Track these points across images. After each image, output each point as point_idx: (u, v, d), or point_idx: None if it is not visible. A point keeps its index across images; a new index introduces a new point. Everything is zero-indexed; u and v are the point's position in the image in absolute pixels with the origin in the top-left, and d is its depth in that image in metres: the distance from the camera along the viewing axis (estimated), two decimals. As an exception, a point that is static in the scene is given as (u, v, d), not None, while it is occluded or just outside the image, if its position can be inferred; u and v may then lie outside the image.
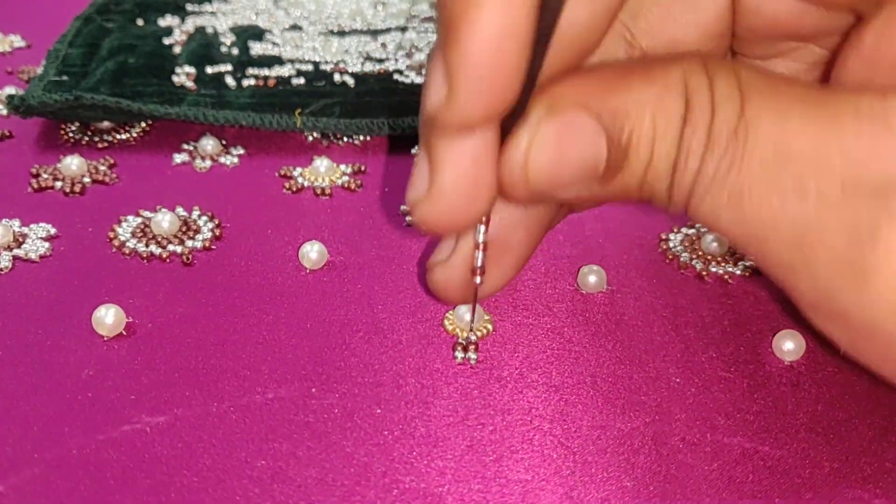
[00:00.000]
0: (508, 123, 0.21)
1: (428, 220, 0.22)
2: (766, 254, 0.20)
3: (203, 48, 0.47)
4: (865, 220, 0.18)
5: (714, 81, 0.20)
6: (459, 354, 0.27)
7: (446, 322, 0.28)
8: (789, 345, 0.27)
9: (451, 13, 0.19)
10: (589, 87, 0.21)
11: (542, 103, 0.21)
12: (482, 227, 0.24)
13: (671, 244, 0.33)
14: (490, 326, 0.28)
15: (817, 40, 0.25)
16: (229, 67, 0.45)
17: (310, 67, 0.46)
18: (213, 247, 0.32)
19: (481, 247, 0.25)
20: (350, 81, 0.44)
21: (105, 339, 0.27)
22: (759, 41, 0.25)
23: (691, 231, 0.33)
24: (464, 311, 0.28)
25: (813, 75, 0.25)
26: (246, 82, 0.43)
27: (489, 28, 0.18)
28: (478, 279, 0.25)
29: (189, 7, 0.54)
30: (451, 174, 0.21)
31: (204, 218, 0.33)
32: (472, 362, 0.26)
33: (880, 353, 0.20)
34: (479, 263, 0.25)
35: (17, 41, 0.50)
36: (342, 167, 0.37)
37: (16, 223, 0.32)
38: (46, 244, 0.31)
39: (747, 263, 0.32)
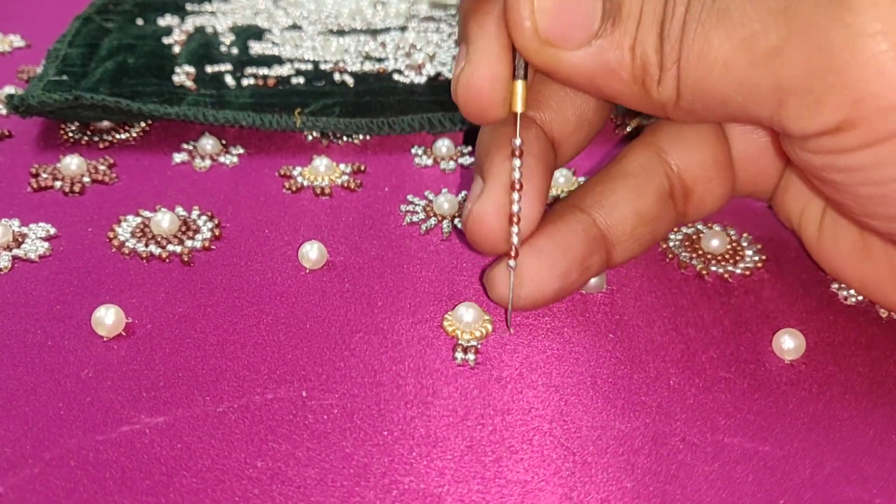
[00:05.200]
0: None
1: (469, 86, 0.25)
2: (755, 57, 0.22)
3: (203, 48, 0.47)
4: None
5: None
6: (459, 355, 0.27)
7: (446, 323, 0.28)
8: (789, 344, 0.27)
9: None
10: None
11: None
12: (517, 162, 0.25)
13: (671, 243, 0.33)
14: (489, 326, 0.28)
15: None
16: (229, 67, 0.45)
17: (309, 67, 0.45)
18: (213, 247, 0.32)
19: (517, 185, 0.26)
20: (349, 81, 0.44)
21: (104, 339, 0.27)
22: None
23: (691, 230, 0.33)
24: (463, 312, 0.27)
25: None
26: (245, 82, 0.43)
27: None
28: (515, 228, 0.26)
29: (189, 7, 0.54)
30: (480, 41, 0.24)
31: (203, 218, 0.33)
32: (472, 363, 0.26)
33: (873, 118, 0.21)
34: (517, 207, 0.26)
35: (17, 41, 0.50)
36: (342, 166, 0.37)
37: (15, 223, 0.32)
38: (46, 244, 0.31)
39: (747, 263, 0.32)
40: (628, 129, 0.41)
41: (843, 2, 0.21)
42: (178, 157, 0.38)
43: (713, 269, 0.31)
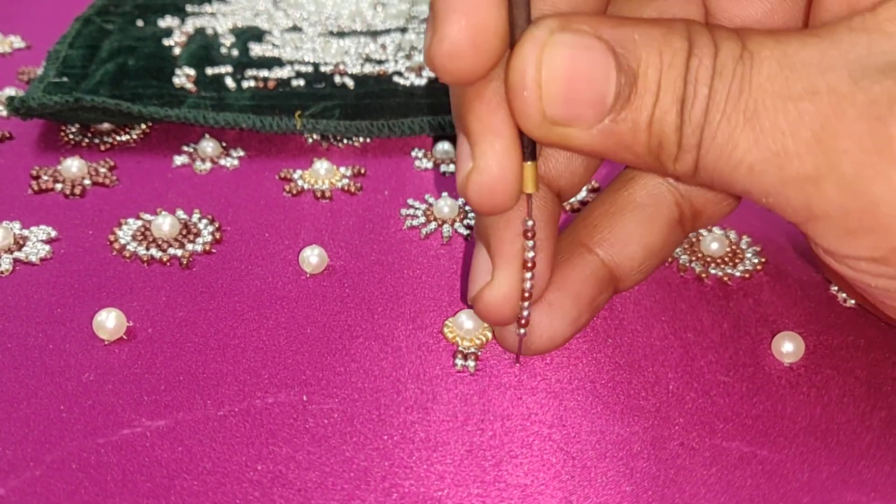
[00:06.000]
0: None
1: (482, 190, 0.23)
2: (786, 176, 0.20)
3: (203, 49, 0.47)
4: (881, 97, 0.19)
5: (713, 29, 0.21)
6: (459, 362, 0.27)
7: (446, 330, 0.28)
8: (788, 346, 0.27)
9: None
10: (597, 19, 0.21)
11: (550, 21, 0.21)
12: (530, 243, 0.24)
13: (670, 247, 0.33)
14: (489, 334, 0.28)
15: None
16: (229, 69, 0.45)
17: (309, 69, 0.46)
18: (214, 250, 0.32)
19: (530, 264, 0.24)
20: (350, 83, 0.44)
21: (106, 342, 0.27)
22: None
23: (690, 233, 0.33)
24: (464, 319, 0.28)
25: (790, 16, 0.26)
26: (246, 84, 0.43)
27: None
28: (525, 308, 0.25)
29: (189, 8, 0.54)
30: (485, 139, 0.23)
31: (204, 221, 0.33)
32: (472, 370, 0.26)
33: None
34: (529, 285, 0.25)
35: (17, 42, 0.50)
36: (342, 170, 0.37)
37: (16, 225, 0.32)
38: (47, 247, 0.31)
39: (747, 265, 0.32)
40: None
41: (891, 156, 0.19)
42: (179, 160, 0.38)
43: (712, 271, 0.31)
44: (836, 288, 0.31)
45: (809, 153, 0.20)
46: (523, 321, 0.25)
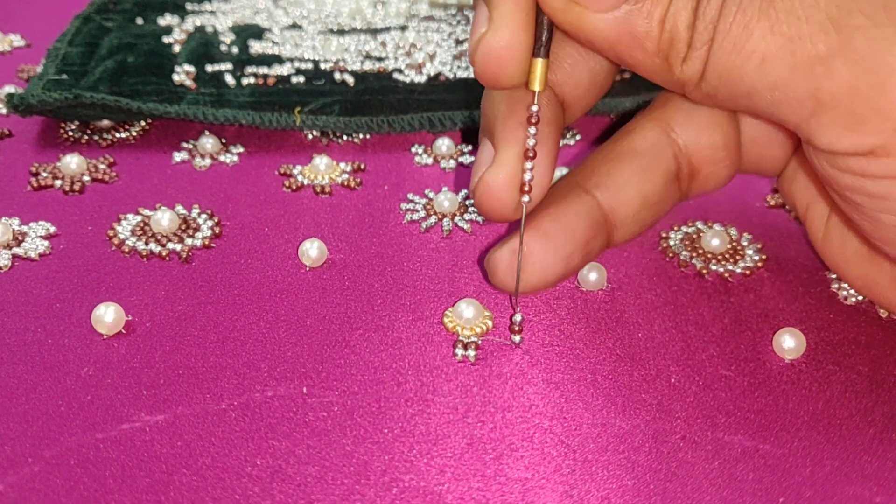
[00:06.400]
0: None
1: (490, 53, 0.23)
2: (797, 61, 0.21)
3: (203, 47, 0.47)
4: None
5: None
6: (459, 352, 0.27)
7: (446, 320, 0.28)
8: (790, 343, 0.27)
9: None
10: None
11: None
12: (532, 130, 0.25)
13: (671, 242, 0.33)
14: (490, 323, 0.28)
15: None
16: (229, 66, 0.45)
17: (309, 66, 0.45)
18: (213, 245, 0.32)
19: (531, 153, 0.25)
20: (349, 80, 0.44)
21: (104, 337, 0.27)
22: None
23: (691, 229, 0.33)
24: (463, 308, 0.27)
25: None
26: (245, 81, 0.43)
27: None
28: (525, 198, 0.26)
29: (188, 6, 0.54)
30: (505, 4, 0.23)
31: (203, 216, 0.33)
32: (472, 360, 0.26)
33: None
34: (529, 176, 0.25)
35: (17, 40, 0.50)
36: (342, 165, 0.37)
37: (15, 221, 0.32)
38: (46, 242, 0.31)
39: (748, 262, 0.32)
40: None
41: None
42: (179, 156, 0.38)
43: (713, 268, 0.31)
44: (837, 285, 0.31)
45: (823, 33, 0.21)
46: (521, 229, 0.26)
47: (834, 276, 0.31)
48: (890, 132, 0.21)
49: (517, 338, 0.27)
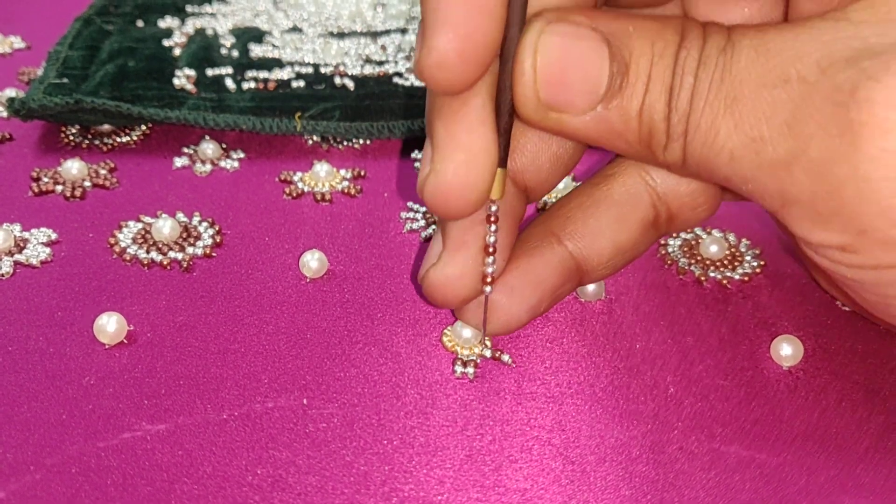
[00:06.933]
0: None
1: (430, 194, 0.23)
2: (762, 161, 0.21)
3: (203, 50, 0.47)
4: (845, 85, 0.20)
5: (707, 24, 0.22)
6: (458, 369, 0.27)
7: (445, 339, 0.28)
8: (787, 350, 0.27)
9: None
10: (595, 12, 0.23)
11: (549, 13, 0.22)
12: (492, 227, 0.25)
13: (670, 249, 0.33)
14: (489, 343, 0.28)
15: None
16: (229, 70, 0.45)
17: (310, 70, 0.46)
18: (214, 254, 0.32)
19: (491, 249, 0.25)
20: (350, 84, 0.44)
21: (106, 346, 0.27)
22: None
23: (690, 236, 0.33)
24: (461, 327, 0.28)
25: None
26: (246, 85, 0.43)
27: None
28: (488, 289, 0.26)
29: (189, 9, 0.54)
30: (448, 144, 0.23)
31: (204, 224, 0.33)
32: (471, 377, 0.27)
33: (881, 238, 0.21)
34: (490, 269, 0.26)
35: (18, 42, 0.50)
36: (342, 172, 0.37)
37: (17, 227, 0.32)
38: (47, 249, 0.31)
39: (746, 269, 0.32)
40: None
41: (852, 139, 0.20)
42: (179, 162, 0.38)
43: (712, 274, 0.32)
44: (834, 291, 0.31)
45: (782, 138, 0.21)
46: (488, 284, 0.26)
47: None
48: (854, 234, 0.21)
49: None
